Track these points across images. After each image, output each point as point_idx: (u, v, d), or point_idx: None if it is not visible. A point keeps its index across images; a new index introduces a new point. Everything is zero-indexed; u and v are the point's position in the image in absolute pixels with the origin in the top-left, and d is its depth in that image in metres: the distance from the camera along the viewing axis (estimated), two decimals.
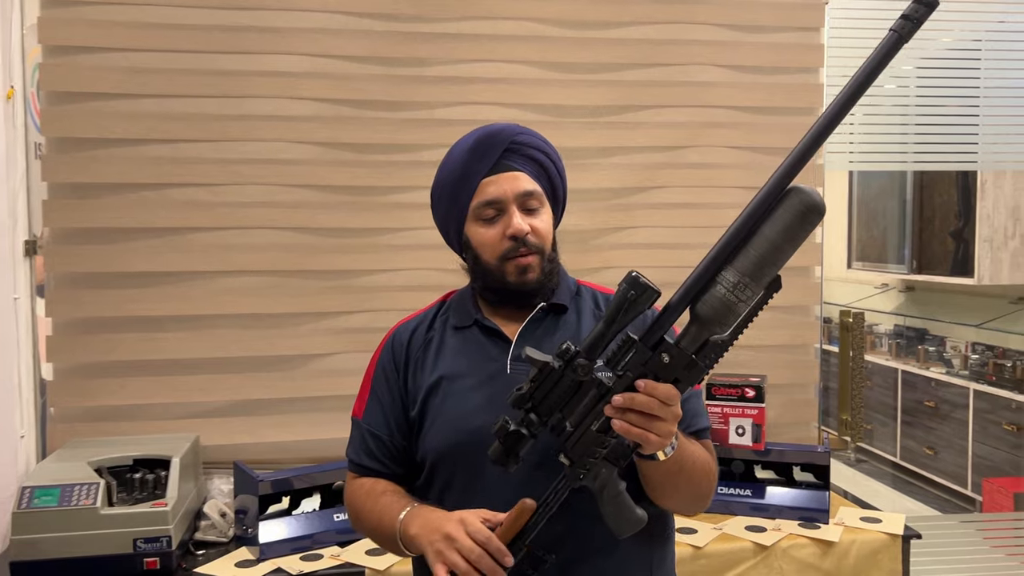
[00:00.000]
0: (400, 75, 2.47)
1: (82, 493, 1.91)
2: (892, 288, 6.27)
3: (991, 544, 3.15)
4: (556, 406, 1.12)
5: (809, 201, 1.03)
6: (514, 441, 1.12)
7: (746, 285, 1.04)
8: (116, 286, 2.37)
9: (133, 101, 2.35)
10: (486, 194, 1.30)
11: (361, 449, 1.38)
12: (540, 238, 1.31)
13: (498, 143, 1.32)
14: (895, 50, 1.02)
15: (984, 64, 2.89)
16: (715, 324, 1.07)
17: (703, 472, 1.26)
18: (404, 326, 1.42)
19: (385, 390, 1.38)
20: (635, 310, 1.08)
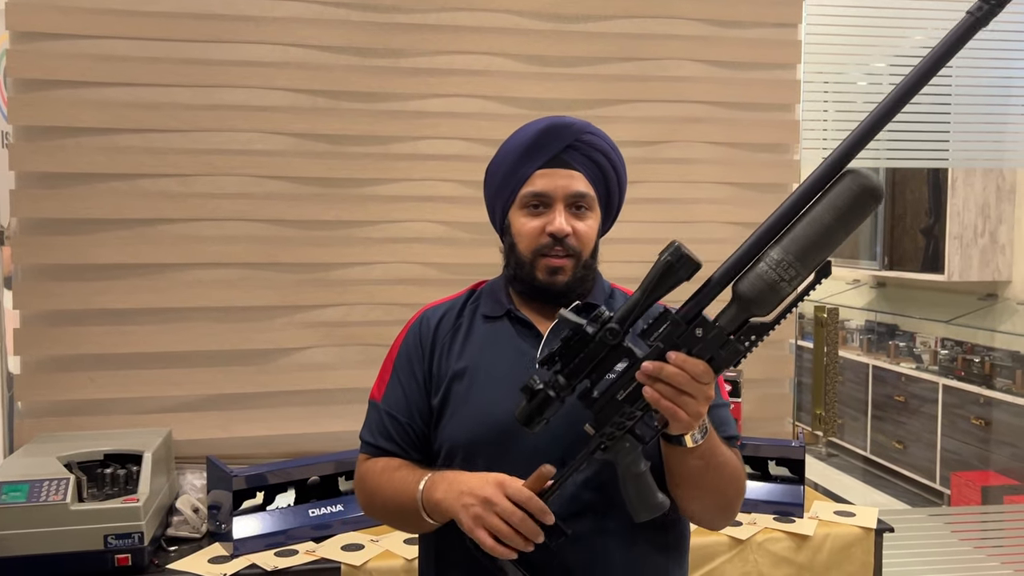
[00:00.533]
0: (377, 66, 2.45)
1: (51, 489, 1.87)
2: (863, 284, 6.34)
3: (959, 537, 3.20)
4: (584, 370, 1.09)
5: (867, 184, 0.99)
6: (540, 402, 1.09)
7: (790, 264, 1.01)
8: (85, 278, 2.33)
9: (103, 89, 2.30)
10: (536, 185, 1.28)
11: (378, 431, 1.34)
12: (580, 242, 1.29)
13: (563, 136, 1.29)
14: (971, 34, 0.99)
15: (956, 63, 2.90)
16: (755, 305, 1.03)
17: (731, 477, 1.22)
18: (433, 310, 1.39)
19: (408, 373, 1.34)
20: (673, 279, 1.06)
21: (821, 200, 1.01)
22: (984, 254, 4.92)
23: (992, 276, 4.95)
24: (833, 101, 2.87)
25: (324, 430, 2.43)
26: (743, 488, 1.27)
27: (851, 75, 2.92)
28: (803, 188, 1.02)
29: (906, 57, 2.95)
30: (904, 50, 2.97)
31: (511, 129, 2.59)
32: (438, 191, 2.49)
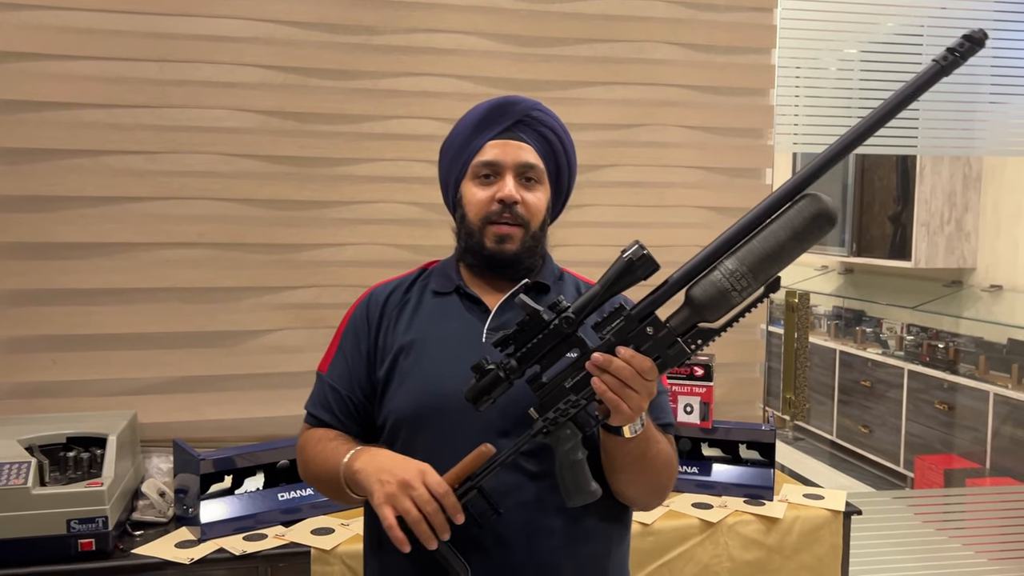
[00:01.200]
0: (348, 43, 2.40)
1: (12, 472, 1.82)
2: (832, 270, 6.40)
3: (922, 519, 3.25)
4: (536, 355, 1.13)
5: (822, 209, 1.04)
6: (490, 381, 1.13)
7: (743, 275, 1.05)
8: (47, 257, 2.27)
9: (67, 62, 2.24)
10: (487, 155, 1.33)
11: (319, 403, 1.38)
12: (529, 212, 1.32)
13: (514, 111, 1.34)
14: (934, 81, 1.04)
15: (926, 50, 2.94)
16: (706, 310, 1.08)
17: (665, 464, 1.26)
18: (382, 287, 1.42)
19: (352, 347, 1.37)
20: (632, 277, 1.10)
21: (779, 218, 1.06)
22: (950, 241, 4.99)
23: (958, 263, 5.02)
24: (805, 87, 2.88)
25: (293, 413, 2.34)
26: (675, 472, 1.31)
27: (824, 60, 2.93)
28: (764, 205, 1.07)
29: (878, 43, 2.97)
30: (877, 36, 2.99)
31: None
32: (410, 171, 2.46)
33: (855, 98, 2.93)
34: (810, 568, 2.21)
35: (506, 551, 1.22)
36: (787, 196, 1.06)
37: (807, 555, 2.20)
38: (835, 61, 2.96)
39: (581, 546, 1.27)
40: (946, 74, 1.03)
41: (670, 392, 2.40)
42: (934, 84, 1.04)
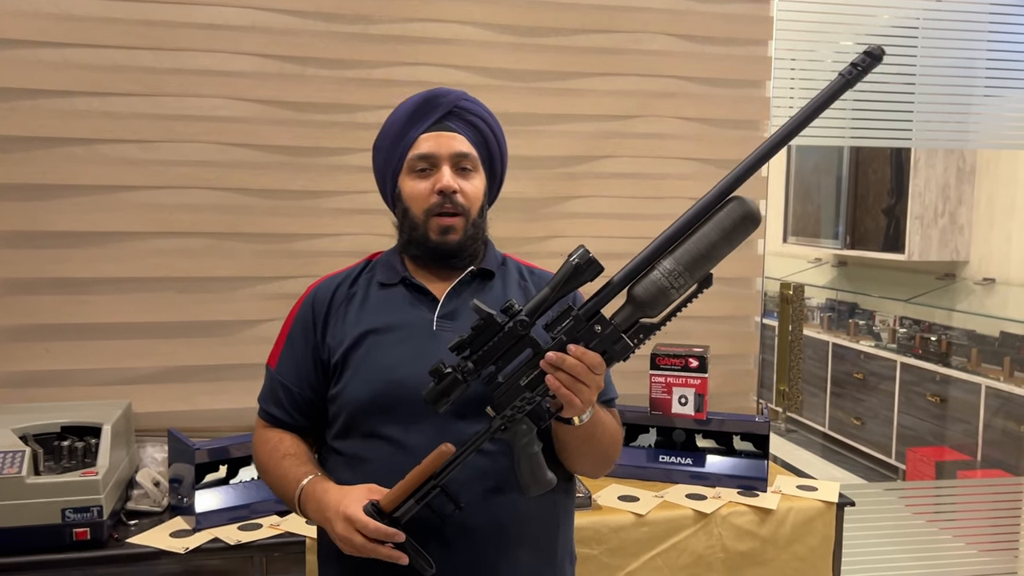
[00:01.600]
0: (345, 32, 2.39)
1: (6, 461, 1.82)
2: (825, 263, 6.41)
3: (913, 511, 3.27)
4: (492, 357, 1.18)
5: (747, 210, 1.14)
6: (448, 384, 1.18)
7: (680, 274, 1.14)
8: (41, 246, 2.26)
9: (61, 50, 2.22)
10: (422, 148, 1.36)
11: (270, 398, 1.43)
12: (468, 200, 1.37)
13: (442, 104, 1.38)
14: (841, 92, 1.15)
15: (921, 43, 2.94)
16: (648, 307, 1.16)
17: (611, 439, 1.36)
18: (327, 282, 1.45)
19: (300, 343, 1.41)
20: (579, 280, 1.16)
21: (709, 220, 1.15)
22: (944, 234, 5.00)
23: (951, 256, 5.04)
24: (800, 79, 2.88)
25: None
26: (620, 444, 1.41)
27: (819, 53, 2.93)
28: (695, 209, 1.16)
29: (874, 36, 2.97)
30: (873, 29, 2.99)
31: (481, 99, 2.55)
32: None
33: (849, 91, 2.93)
34: (803, 559, 2.22)
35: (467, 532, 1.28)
36: (715, 200, 1.16)
37: (800, 546, 2.22)
38: (831, 53, 2.96)
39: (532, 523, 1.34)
40: (850, 87, 1.14)
41: (665, 384, 2.40)
42: (840, 96, 1.15)
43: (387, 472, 1.25)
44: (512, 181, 2.55)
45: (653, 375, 2.42)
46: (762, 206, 2.76)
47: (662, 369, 2.41)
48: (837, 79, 1.13)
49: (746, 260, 2.76)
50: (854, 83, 1.13)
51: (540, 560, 1.36)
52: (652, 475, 2.39)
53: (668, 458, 2.40)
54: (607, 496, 2.25)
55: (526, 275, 1.47)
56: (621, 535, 2.12)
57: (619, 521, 2.13)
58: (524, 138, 2.55)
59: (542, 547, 1.37)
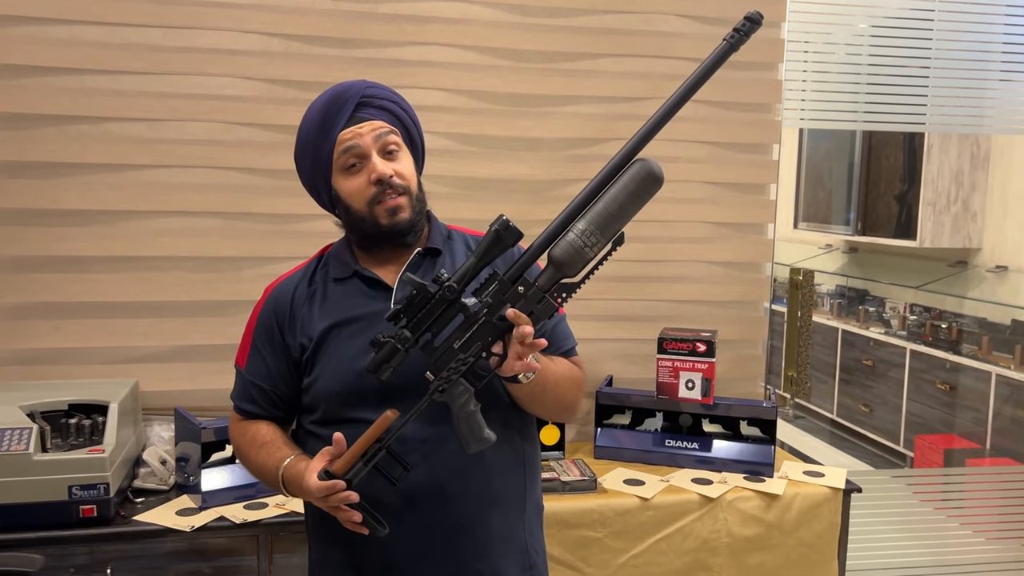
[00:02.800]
0: (353, 11, 2.38)
1: (14, 438, 1.83)
2: (836, 249, 6.37)
3: (920, 499, 3.26)
4: (426, 324, 1.26)
5: (650, 170, 1.23)
6: (387, 352, 1.25)
7: (592, 233, 1.22)
8: (49, 223, 2.26)
9: (70, 27, 2.22)
10: (345, 144, 1.38)
11: (244, 396, 1.49)
12: (405, 179, 1.40)
13: (350, 97, 1.39)
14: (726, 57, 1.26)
15: (937, 26, 2.90)
16: (567, 267, 1.23)
17: (568, 386, 1.42)
18: (284, 283, 1.49)
19: (267, 344, 1.46)
20: (501, 246, 1.24)
21: (616, 182, 1.24)
22: (956, 221, 4.96)
23: (963, 243, 4.99)
24: (813, 62, 2.85)
25: None
26: (582, 388, 1.48)
27: (834, 36, 2.89)
28: (603, 173, 1.24)
29: (889, 19, 2.93)
30: (888, 11, 2.95)
31: (491, 80, 2.54)
32: None
33: (863, 74, 2.90)
34: (809, 545, 2.21)
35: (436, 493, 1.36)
36: (621, 163, 1.24)
37: (806, 532, 2.21)
38: (845, 36, 2.93)
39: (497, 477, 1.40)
40: (734, 51, 1.25)
41: (672, 369, 2.39)
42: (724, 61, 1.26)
43: None
44: (520, 163, 2.55)
45: (660, 359, 2.41)
46: (772, 191, 2.75)
47: (669, 353, 2.40)
48: (721, 44, 1.25)
49: (756, 245, 2.75)
50: (737, 47, 1.24)
51: (509, 513, 1.42)
52: (658, 459, 2.39)
53: (674, 442, 2.40)
54: (612, 479, 2.25)
55: (472, 244, 1.51)
56: (626, 518, 2.12)
57: (624, 504, 2.13)
58: (533, 119, 2.53)
59: (509, 500, 1.43)
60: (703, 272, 2.71)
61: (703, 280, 2.71)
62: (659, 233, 2.65)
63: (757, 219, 2.74)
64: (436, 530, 1.36)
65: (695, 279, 2.70)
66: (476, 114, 2.50)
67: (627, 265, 2.61)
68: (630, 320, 2.65)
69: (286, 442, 1.45)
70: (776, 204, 2.77)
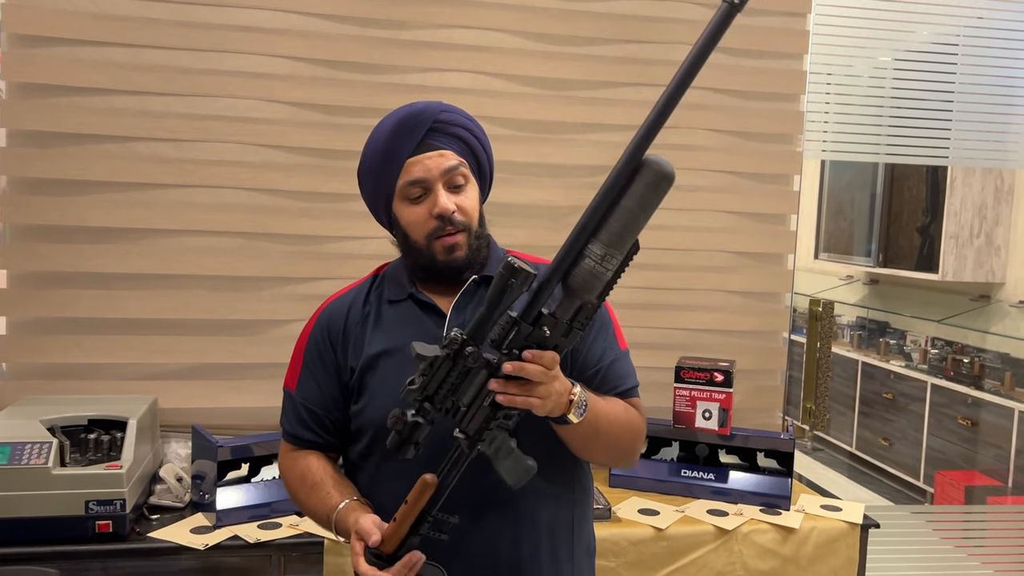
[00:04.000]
0: (378, 37, 2.41)
1: (33, 452, 1.85)
2: (856, 280, 6.33)
3: (940, 535, 3.20)
4: (449, 392, 1.16)
5: (661, 171, 1.12)
6: (411, 430, 1.16)
7: (612, 255, 1.13)
8: (75, 240, 2.30)
9: (100, 48, 2.26)
10: (411, 174, 1.32)
11: (296, 421, 1.43)
12: (466, 215, 1.34)
13: (422, 122, 1.33)
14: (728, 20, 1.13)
15: (961, 59, 2.90)
16: (585, 292, 1.15)
17: (623, 430, 1.34)
18: (338, 301, 1.45)
19: (319, 366, 1.41)
20: (514, 294, 1.13)
21: (625, 193, 1.13)
22: (979, 255, 4.92)
23: (986, 277, 4.95)
24: (836, 94, 2.85)
25: None
26: (640, 435, 1.40)
27: (856, 68, 2.89)
28: (607, 185, 1.13)
29: (912, 52, 2.93)
30: (912, 44, 2.95)
31: (512, 107, 2.56)
32: None
33: (886, 107, 2.90)
34: None
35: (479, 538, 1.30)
36: (625, 171, 1.13)
37: (822, 567, 2.18)
38: (868, 68, 2.93)
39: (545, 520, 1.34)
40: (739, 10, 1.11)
41: (689, 398, 2.38)
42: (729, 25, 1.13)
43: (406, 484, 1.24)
44: (541, 189, 2.57)
45: (677, 388, 2.40)
46: (792, 221, 2.74)
47: (687, 382, 2.39)
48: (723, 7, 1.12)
49: (775, 275, 2.74)
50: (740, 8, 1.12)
51: (557, 555, 1.37)
52: (673, 489, 2.37)
53: (690, 472, 2.38)
54: (627, 509, 2.23)
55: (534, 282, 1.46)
56: (640, 548, 2.10)
57: (638, 534, 2.11)
58: (554, 146, 2.54)
59: (558, 542, 1.37)
60: (722, 301, 2.70)
61: (722, 309, 2.70)
62: (679, 261, 2.65)
63: (777, 249, 2.74)
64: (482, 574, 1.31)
65: (714, 308, 2.70)
66: (498, 140, 2.47)
67: (645, 293, 2.61)
68: (647, 348, 2.64)
69: (336, 482, 1.38)
70: (796, 234, 2.77)
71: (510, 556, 1.32)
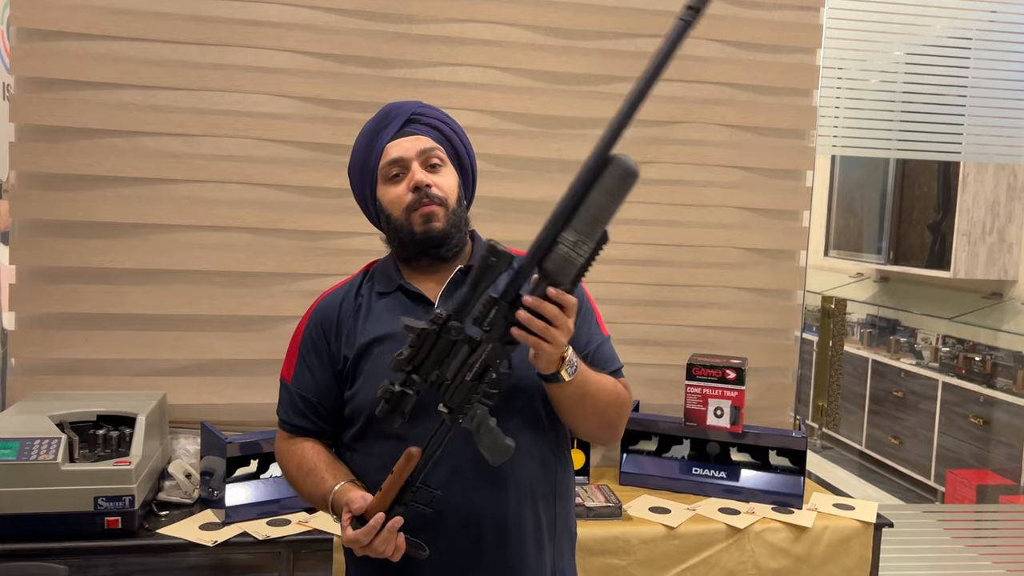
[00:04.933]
0: (387, 31, 2.40)
1: (42, 448, 1.84)
2: (867, 278, 6.30)
3: (952, 535, 3.18)
4: (434, 365, 1.25)
5: (626, 167, 1.21)
6: (399, 400, 1.25)
7: (581, 242, 1.21)
8: (84, 235, 2.29)
9: (109, 43, 2.25)
10: (389, 155, 1.43)
11: (291, 410, 1.49)
12: (443, 191, 1.42)
13: (400, 114, 1.45)
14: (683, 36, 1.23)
15: (975, 54, 2.87)
16: (560, 275, 1.22)
17: (610, 401, 1.40)
18: (332, 296, 1.52)
19: (314, 357, 1.47)
20: (494, 273, 1.23)
21: (594, 185, 1.22)
22: (991, 252, 4.88)
23: (998, 275, 4.91)
24: (848, 88, 2.83)
25: None
26: (626, 409, 1.47)
27: (870, 63, 2.87)
28: (579, 178, 1.22)
29: (926, 46, 2.90)
30: (925, 39, 2.92)
31: (522, 101, 2.55)
32: None
33: (898, 101, 2.88)
34: None
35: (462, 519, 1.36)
36: (595, 166, 1.21)
37: (835, 566, 2.17)
38: (881, 63, 2.90)
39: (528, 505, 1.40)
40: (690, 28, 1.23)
41: (701, 396, 2.37)
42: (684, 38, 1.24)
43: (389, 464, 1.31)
44: (553, 184, 2.55)
45: (689, 385, 2.39)
46: (805, 217, 2.72)
47: (698, 380, 2.38)
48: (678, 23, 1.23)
49: (787, 272, 2.72)
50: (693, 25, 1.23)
51: (540, 539, 1.42)
52: (685, 487, 2.35)
53: (702, 471, 2.37)
54: (638, 507, 2.22)
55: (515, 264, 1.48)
56: (651, 547, 2.09)
57: (649, 533, 2.10)
58: (566, 141, 2.53)
59: (541, 526, 1.42)
60: (733, 298, 2.68)
61: (733, 306, 2.68)
62: (689, 258, 2.63)
63: (789, 246, 2.72)
64: (467, 553, 1.36)
65: (725, 305, 2.68)
66: (508, 135, 2.50)
67: (656, 289, 2.59)
68: (658, 345, 2.63)
69: (330, 466, 1.44)
70: (809, 231, 2.74)
71: (493, 534, 1.36)
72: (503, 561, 1.37)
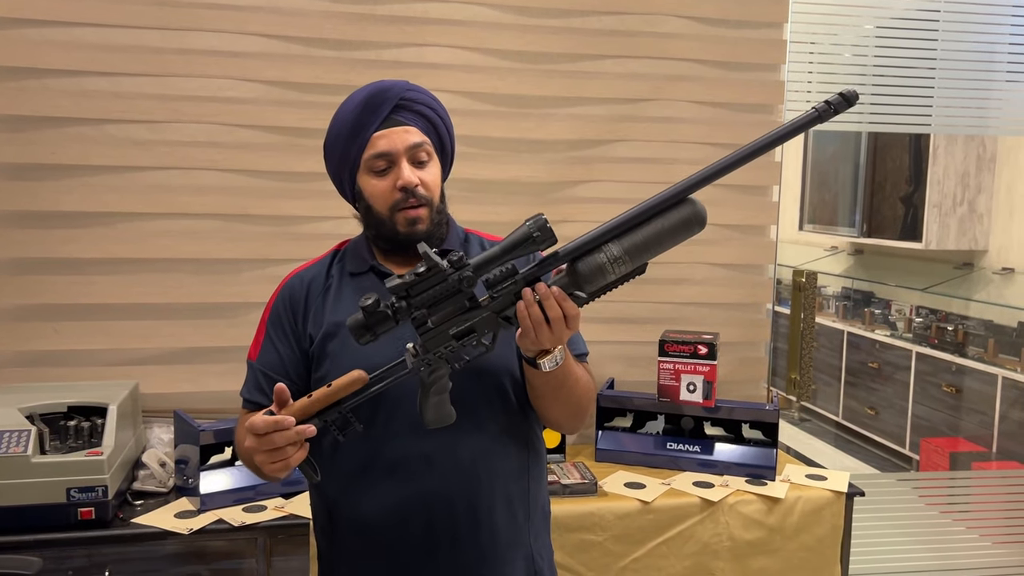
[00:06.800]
0: (353, 12, 2.37)
1: (12, 440, 1.83)
2: (841, 251, 6.35)
3: (926, 502, 3.23)
4: (428, 303, 1.21)
5: (697, 214, 1.19)
6: (378, 320, 1.20)
7: (623, 260, 1.18)
8: (49, 226, 2.26)
9: (70, 29, 2.22)
10: (377, 147, 1.38)
11: (253, 387, 1.46)
12: (429, 190, 1.40)
13: (389, 98, 1.39)
14: (810, 125, 1.16)
15: (943, 26, 2.88)
16: (585, 281, 1.19)
17: (583, 391, 1.40)
18: (300, 275, 1.49)
19: (280, 334, 1.45)
20: (532, 247, 1.18)
21: (662, 216, 1.19)
22: (962, 223, 4.94)
23: (969, 245, 4.97)
24: (818, 63, 2.83)
25: None
26: (593, 397, 1.48)
27: (840, 37, 2.88)
28: (652, 201, 1.18)
29: (895, 19, 2.91)
30: (894, 12, 2.93)
31: (491, 82, 2.53)
32: None
33: (869, 75, 2.89)
34: (811, 549, 2.20)
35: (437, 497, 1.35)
36: (672, 199, 1.18)
37: (808, 536, 2.20)
38: (851, 37, 2.91)
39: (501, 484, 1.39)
40: (821, 122, 1.15)
41: (673, 371, 2.38)
42: (806, 130, 1.17)
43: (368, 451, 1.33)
44: (522, 165, 2.55)
45: (661, 361, 2.40)
46: (775, 192, 2.73)
47: (670, 356, 2.39)
48: (809, 112, 1.16)
49: (758, 247, 2.73)
50: (825, 119, 1.15)
51: (515, 518, 1.41)
52: (659, 462, 2.37)
53: (676, 445, 2.39)
54: (613, 483, 2.24)
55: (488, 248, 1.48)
56: (626, 522, 2.11)
57: (624, 508, 2.12)
58: (534, 121, 2.52)
59: (515, 505, 1.41)
60: (705, 274, 2.70)
61: (705, 282, 2.69)
62: None
63: (760, 221, 2.73)
64: (442, 536, 1.36)
65: (697, 281, 2.69)
66: (477, 116, 2.49)
67: None
68: (631, 322, 2.64)
69: None
70: (779, 206, 2.76)
71: (468, 516, 1.36)
72: (477, 542, 1.37)
